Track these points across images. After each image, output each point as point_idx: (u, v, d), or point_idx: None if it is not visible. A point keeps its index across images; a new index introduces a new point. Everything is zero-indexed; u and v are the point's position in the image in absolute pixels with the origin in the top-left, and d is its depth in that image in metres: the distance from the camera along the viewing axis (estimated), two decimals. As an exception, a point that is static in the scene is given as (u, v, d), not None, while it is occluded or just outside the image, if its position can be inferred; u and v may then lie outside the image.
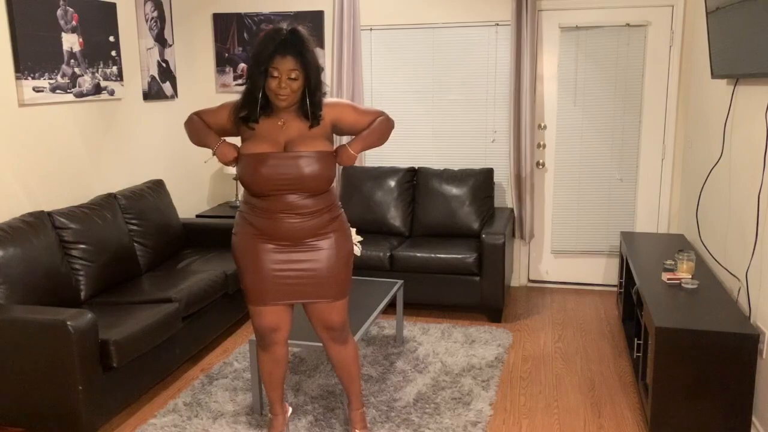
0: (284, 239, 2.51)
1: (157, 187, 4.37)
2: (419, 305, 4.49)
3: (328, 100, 2.52)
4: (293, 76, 2.35)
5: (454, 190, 4.69)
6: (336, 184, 4.32)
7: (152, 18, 4.62)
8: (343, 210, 2.66)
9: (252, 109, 2.43)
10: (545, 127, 4.83)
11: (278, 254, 2.53)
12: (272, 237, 2.51)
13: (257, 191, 2.46)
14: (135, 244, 3.94)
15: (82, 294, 3.47)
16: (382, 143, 2.61)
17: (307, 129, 2.47)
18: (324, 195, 2.53)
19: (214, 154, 2.50)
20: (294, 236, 2.51)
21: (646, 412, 2.91)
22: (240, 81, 5.19)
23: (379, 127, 2.56)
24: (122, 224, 3.87)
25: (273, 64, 2.33)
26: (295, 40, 2.35)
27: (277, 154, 2.43)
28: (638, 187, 4.76)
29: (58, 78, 3.73)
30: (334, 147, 2.55)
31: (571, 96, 4.75)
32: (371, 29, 4.96)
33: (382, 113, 2.58)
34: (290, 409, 3.04)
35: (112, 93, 4.20)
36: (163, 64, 4.78)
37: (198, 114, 2.59)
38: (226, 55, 5.21)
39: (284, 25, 2.38)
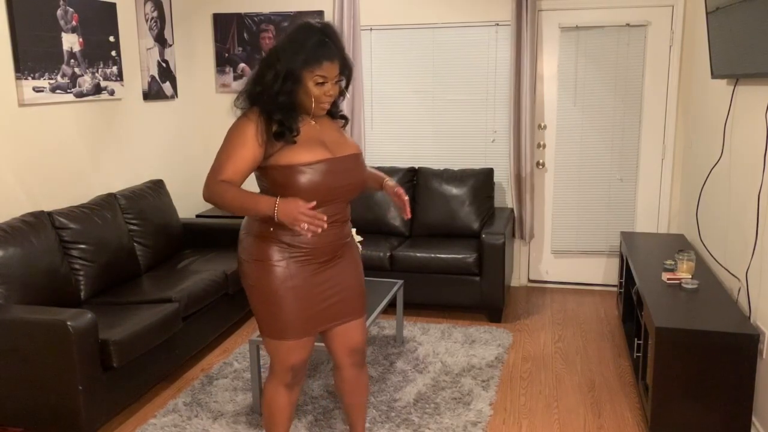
0: (325, 254, 2.26)
1: (157, 187, 4.37)
2: (419, 305, 4.49)
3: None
4: (338, 80, 2.17)
5: (454, 190, 4.69)
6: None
7: (152, 18, 4.62)
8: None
9: (291, 119, 2.14)
10: (545, 127, 4.83)
11: (318, 275, 2.26)
12: (316, 254, 2.23)
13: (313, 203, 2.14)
14: (135, 244, 3.94)
15: (82, 294, 3.47)
16: None
17: (339, 129, 2.32)
18: None
19: (278, 219, 2.04)
20: (333, 248, 2.28)
21: (646, 412, 2.91)
22: (239, 80, 5.19)
23: None
24: (122, 224, 3.87)
25: (321, 70, 2.10)
26: (335, 41, 2.13)
27: (334, 159, 2.17)
28: (638, 187, 4.76)
29: (58, 78, 3.72)
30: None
31: (571, 96, 4.75)
32: (371, 29, 4.96)
33: None
34: None
35: (112, 93, 4.20)
36: (163, 64, 4.78)
37: (217, 174, 2.12)
38: (226, 55, 5.20)
39: (314, 23, 2.15)
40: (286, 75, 2.10)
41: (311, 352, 2.39)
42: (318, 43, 2.10)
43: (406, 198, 2.34)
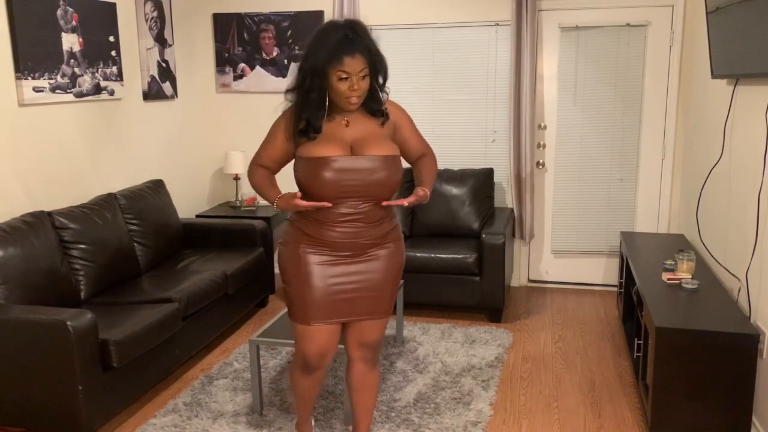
0: (345, 249, 2.32)
1: (157, 187, 4.37)
2: (419, 305, 4.49)
3: (387, 99, 2.40)
4: (363, 74, 2.21)
5: (454, 190, 4.69)
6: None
7: (152, 18, 4.62)
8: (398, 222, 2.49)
9: (318, 118, 2.25)
10: (545, 127, 4.83)
11: (336, 266, 2.33)
12: (333, 248, 2.31)
13: (321, 198, 2.24)
14: (135, 244, 3.94)
15: (82, 294, 3.47)
16: None
17: (374, 128, 2.32)
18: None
19: (276, 206, 2.33)
20: (356, 246, 2.32)
21: (646, 412, 2.91)
22: (239, 80, 5.19)
23: (435, 167, 2.52)
24: (122, 224, 3.87)
25: (342, 66, 2.16)
26: (360, 36, 2.20)
27: (345, 157, 2.22)
28: (638, 187, 4.76)
29: (58, 78, 3.73)
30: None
31: (571, 96, 4.75)
32: (371, 29, 4.94)
33: (429, 147, 2.56)
34: (313, 422, 2.96)
35: (112, 93, 4.20)
36: (163, 64, 4.78)
37: (256, 158, 2.42)
38: (226, 55, 5.20)
39: (339, 21, 2.23)
40: (313, 74, 2.20)
41: (329, 346, 2.41)
42: (339, 40, 2.18)
43: (412, 199, 2.31)
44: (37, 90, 3.57)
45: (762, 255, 2.81)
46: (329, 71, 2.18)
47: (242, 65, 5.19)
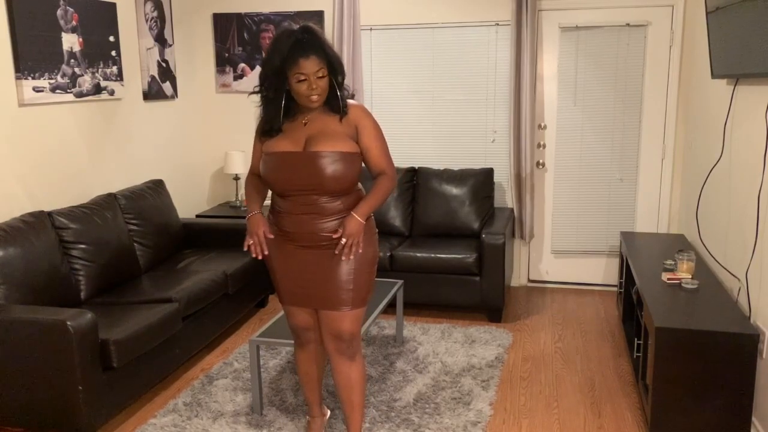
0: (302, 240, 2.45)
1: (157, 187, 4.37)
2: (419, 305, 4.49)
3: (355, 102, 2.47)
4: (320, 74, 2.30)
5: (454, 190, 4.69)
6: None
7: (152, 18, 4.62)
8: (371, 215, 2.54)
9: (275, 120, 2.39)
10: (545, 127, 4.83)
11: (296, 255, 2.48)
12: (293, 238, 2.46)
13: (278, 191, 2.43)
14: (135, 244, 3.94)
15: (82, 294, 3.47)
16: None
17: (332, 125, 2.40)
18: (347, 197, 2.45)
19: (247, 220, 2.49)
20: (313, 238, 2.43)
21: (646, 412, 2.91)
22: (239, 80, 5.20)
23: (385, 189, 2.47)
24: (122, 224, 3.87)
25: (298, 68, 2.27)
26: (312, 38, 2.30)
27: (294, 153, 2.36)
28: (638, 187, 4.76)
29: (58, 78, 3.73)
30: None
31: (571, 96, 4.75)
32: (371, 29, 4.96)
33: (391, 167, 2.50)
34: (329, 412, 3.00)
35: (112, 93, 4.20)
36: (163, 64, 4.78)
37: (250, 167, 2.60)
38: (226, 55, 5.20)
39: (294, 26, 2.33)
40: (272, 78, 2.34)
41: (307, 321, 2.61)
42: (293, 44, 2.28)
43: (343, 241, 2.39)
44: (37, 90, 3.57)
45: (762, 255, 2.81)
46: (288, 75, 2.30)
47: (242, 65, 5.19)
